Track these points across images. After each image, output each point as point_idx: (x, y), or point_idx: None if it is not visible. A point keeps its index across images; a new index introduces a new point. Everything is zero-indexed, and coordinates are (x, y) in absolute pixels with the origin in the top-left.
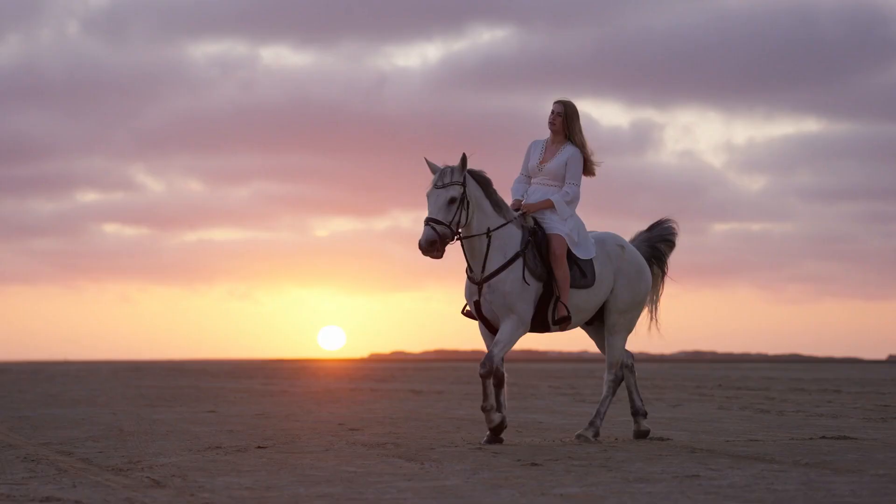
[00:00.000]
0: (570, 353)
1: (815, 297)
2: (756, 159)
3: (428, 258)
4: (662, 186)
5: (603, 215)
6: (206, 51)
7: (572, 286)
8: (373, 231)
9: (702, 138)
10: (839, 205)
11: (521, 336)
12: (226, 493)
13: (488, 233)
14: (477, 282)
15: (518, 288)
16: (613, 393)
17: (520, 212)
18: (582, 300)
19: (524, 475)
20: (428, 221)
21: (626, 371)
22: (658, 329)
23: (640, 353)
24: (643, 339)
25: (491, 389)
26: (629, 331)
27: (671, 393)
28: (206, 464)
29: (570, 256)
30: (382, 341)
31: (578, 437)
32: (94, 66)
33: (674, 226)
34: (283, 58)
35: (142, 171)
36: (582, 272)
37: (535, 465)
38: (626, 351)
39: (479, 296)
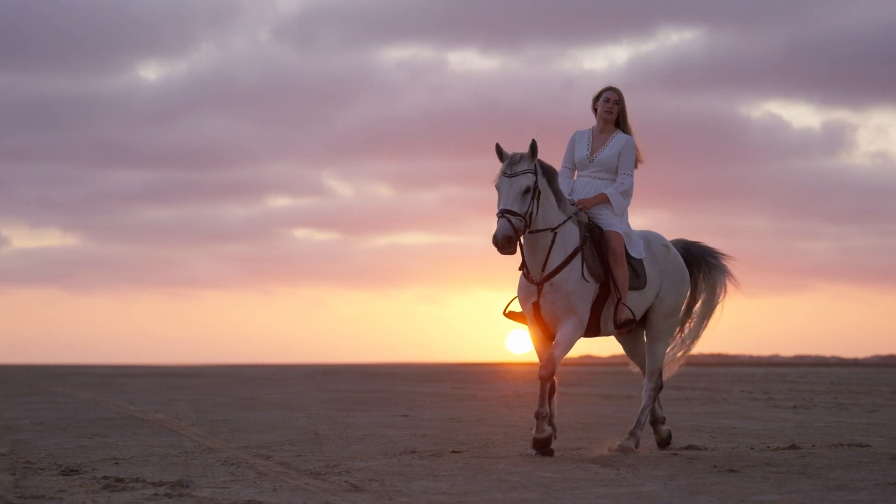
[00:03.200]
0: (760, 357)
1: None
2: None
3: (502, 255)
4: (855, 188)
5: (793, 216)
6: (394, 56)
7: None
8: None
9: None
10: None
11: (578, 340)
12: (423, 497)
13: (554, 229)
14: (537, 282)
15: (580, 288)
16: (653, 401)
17: (575, 207)
18: (634, 302)
19: (721, 482)
20: (503, 213)
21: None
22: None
23: (832, 357)
24: (832, 342)
25: (547, 394)
26: (671, 335)
27: (867, 398)
28: (402, 468)
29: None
30: None
31: (620, 447)
32: (285, 72)
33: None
34: (470, 62)
35: (331, 176)
36: (636, 273)
37: (733, 471)
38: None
39: (539, 296)
